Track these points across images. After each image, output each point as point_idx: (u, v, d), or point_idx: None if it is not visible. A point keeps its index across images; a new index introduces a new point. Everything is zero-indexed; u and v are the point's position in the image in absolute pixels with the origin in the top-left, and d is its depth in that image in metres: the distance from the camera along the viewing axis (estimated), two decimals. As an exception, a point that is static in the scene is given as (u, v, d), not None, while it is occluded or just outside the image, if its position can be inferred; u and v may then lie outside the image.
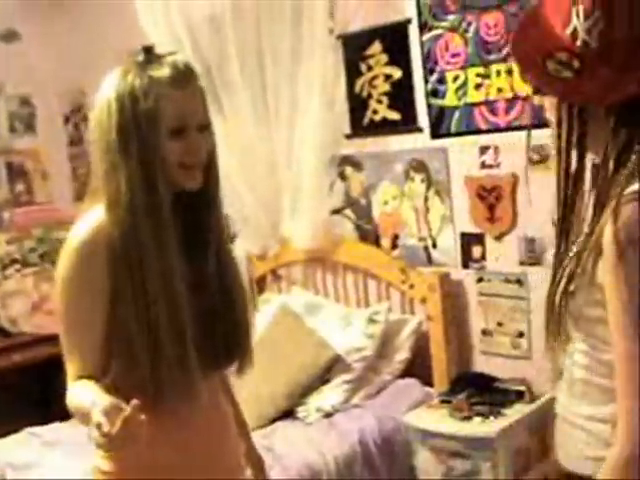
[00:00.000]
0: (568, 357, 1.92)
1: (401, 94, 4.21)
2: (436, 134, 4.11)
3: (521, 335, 3.93)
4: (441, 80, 4.03)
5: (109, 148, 2.06)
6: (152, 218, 2.06)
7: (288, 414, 3.94)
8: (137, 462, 2.12)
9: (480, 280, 4.04)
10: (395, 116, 4.26)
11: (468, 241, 4.08)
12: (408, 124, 4.22)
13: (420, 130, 4.17)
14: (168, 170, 2.06)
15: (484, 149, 3.94)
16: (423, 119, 4.15)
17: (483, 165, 3.97)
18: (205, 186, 2.15)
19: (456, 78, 3.97)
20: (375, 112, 4.33)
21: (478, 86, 3.91)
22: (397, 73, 4.20)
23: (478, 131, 3.95)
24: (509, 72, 3.78)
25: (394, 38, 4.18)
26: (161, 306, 2.06)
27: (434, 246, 4.20)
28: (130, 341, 2.06)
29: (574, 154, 1.78)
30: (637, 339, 1.66)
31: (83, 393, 1.99)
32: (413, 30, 4.09)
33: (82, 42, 5.85)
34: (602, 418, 1.81)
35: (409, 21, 4.10)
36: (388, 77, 4.24)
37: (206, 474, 2.24)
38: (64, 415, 4.30)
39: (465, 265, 4.10)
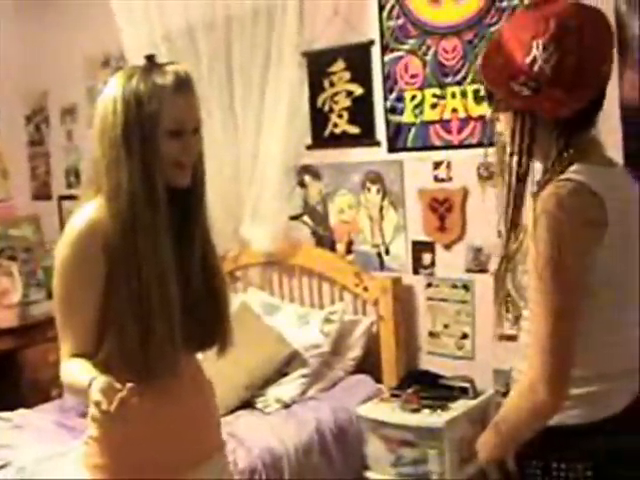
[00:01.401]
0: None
1: (361, 110, 4.52)
2: (393, 148, 4.42)
3: (465, 337, 4.24)
4: (399, 98, 4.34)
5: (113, 144, 2.25)
6: (150, 211, 2.26)
7: (248, 404, 4.18)
8: (125, 435, 2.32)
9: (429, 285, 4.35)
10: (355, 130, 4.56)
11: (419, 249, 4.38)
12: (367, 138, 4.52)
13: (378, 144, 4.48)
14: (164, 168, 2.28)
15: (437, 164, 4.25)
16: (381, 134, 4.46)
17: (436, 179, 4.28)
18: (193, 183, 2.37)
19: (414, 97, 4.29)
20: (336, 125, 4.63)
21: (434, 106, 4.22)
22: (358, 90, 4.51)
23: (432, 147, 4.27)
24: (463, 94, 4.11)
25: (357, 57, 4.49)
26: (153, 290, 2.26)
27: (387, 253, 4.50)
28: (123, 321, 2.26)
29: (523, 160, 2.12)
30: (540, 288, 1.98)
31: (78, 370, 2.21)
32: (375, 51, 4.40)
33: (49, 45, 6.02)
34: None
35: (372, 42, 4.41)
36: (350, 93, 4.55)
37: (190, 449, 2.45)
38: (21, 406, 4.48)
39: (415, 271, 4.40)
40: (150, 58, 2.32)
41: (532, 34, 2.03)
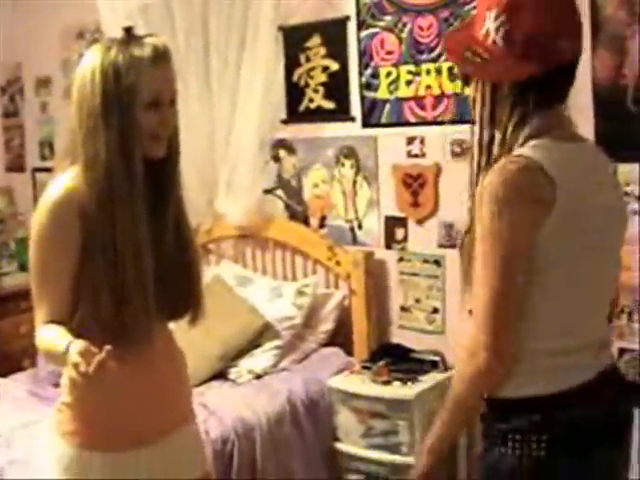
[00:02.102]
0: None
1: (337, 85, 4.55)
2: (367, 124, 4.46)
3: (436, 311, 4.30)
4: (375, 75, 4.38)
5: (90, 114, 2.28)
6: (126, 181, 2.29)
7: (221, 375, 4.22)
8: (98, 401, 2.37)
9: (401, 260, 4.40)
10: (330, 105, 4.60)
11: (392, 224, 4.43)
12: (341, 113, 4.55)
13: (352, 119, 4.51)
14: (141, 139, 2.30)
15: (411, 140, 4.30)
16: (356, 109, 4.49)
17: (409, 154, 4.32)
18: (167, 155, 2.40)
19: (389, 74, 4.32)
20: (311, 100, 4.66)
21: (409, 82, 4.26)
22: (334, 65, 4.54)
23: (406, 123, 4.31)
24: (438, 71, 4.15)
25: (333, 33, 4.51)
26: (128, 260, 2.30)
27: (360, 227, 4.54)
28: (97, 289, 2.30)
29: (485, 129, 2.15)
30: (479, 260, 2.03)
31: (53, 336, 2.24)
32: (351, 27, 4.43)
33: (24, 15, 5.98)
34: None
35: (348, 18, 4.43)
36: (325, 69, 4.57)
37: (161, 417, 2.49)
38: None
39: (388, 246, 4.45)
40: (128, 30, 2.34)
41: (487, 6, 2.10)
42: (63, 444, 2.42)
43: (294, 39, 4.66)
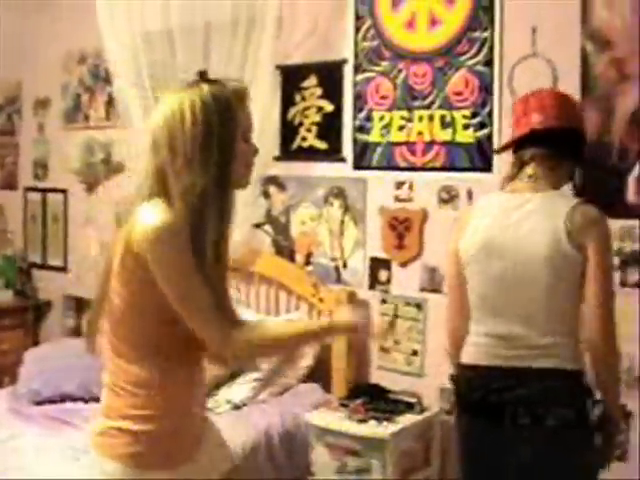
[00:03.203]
0: None
1: (330, 126, 4.64)
2: (358, 166, 4.55)
3: (415, 354, 4.37)
4: (368, 118, 4.47)
5: (188, 145, 2.31)
6: (220, 210, 2.33)
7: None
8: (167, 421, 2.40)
9: (384, 302, 4.47)
10: (322, 145, 4.69)
11: (376, 265, 4.51)
12: (333, 154, 4.64)
13: (344, 160, 4.61)
14: (237, 169, 2.37)
15: (400, 184, 4.39)
16: (347, 151, 4.59)
17: (397, 199, 4.41)
18: None
19: (382, 118, 4.42)
20: (304, 139, 4.76)
21: (401, 128, 4.36)
22: (329, 107, 4.63)
23: (396, 168, 4.40)
24: (430, 118, 4.25)
25: (330, 75, 4.62)
26: (214, 279, 2.33)
27: (344, 266, 4.62)
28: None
29: None
30: None
31: (285, 324, 2.71)
32: (348, 70, 4.54)
33: (27, 34, 6.08)
34: None
35: (345, 61, 4.54)
36: (320, 109, 4.67)
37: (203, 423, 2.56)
38: None
39: (371, 286, 4.53)
40: (202, 73, 2.42)
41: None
42: (120, 466, 2.38)
43: (291, 78, 4.77)
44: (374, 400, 4.18)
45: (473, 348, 2.88)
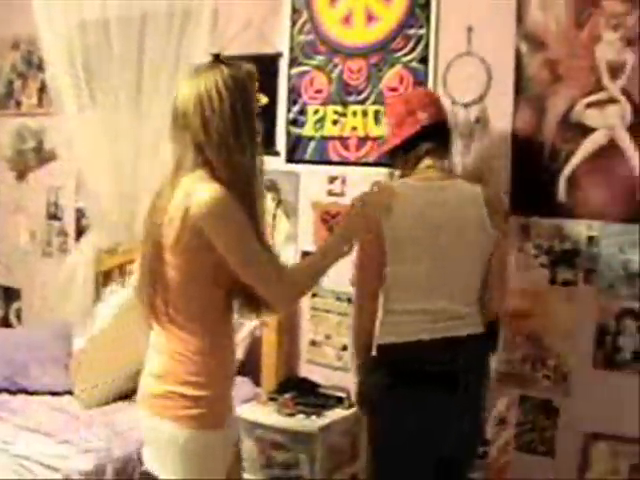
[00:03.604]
0: None
1: (264, 119, 4.55)
2: (291, 159, 4.54)
3: (345, 349, 4.37)
4: (302, 112, 4.47)
5: (222, 122, 2.56)
6: (255, 178, 2.66)
7: (128, 396, 4.21)
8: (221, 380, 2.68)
9: (314, 295, 4.47)
10: (255, 138, 4.65)
11: (306, 259, 4.49)
12: (266, 147, 4.58)
13: (277, 154, 4.59)
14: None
15: (333, 179, 4.39)
16: (281, 144, 4.58)
17: (330, 193, 4.41)
18: None
19: (316, 112, 4.42)
20: (238, 132, 4.71)
21: (335, 122, 4.36)
22: (263, 99, 4.60)
23: (329, 162, 4.40)
24: (364, 114, 4.25)
25: (264, 68, 4.56)
26: (263, 238, 2.66)
27: (276, 260, 4.59)
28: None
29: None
30: None
31: (313, 255, 3.14)
32: (283, 63, 4.53)
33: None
34: None
35: (280, 55, 4.52)
36: (254, 102, 4.63)
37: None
38: None
39: (302, 281, 4.51)
40: (217, 55, 2.64)
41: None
42: (178, 426, 2.59)
43: (226, 70, 4.71)
44: (303, 394, 4.19)
45: (405, 326, 3.09)
